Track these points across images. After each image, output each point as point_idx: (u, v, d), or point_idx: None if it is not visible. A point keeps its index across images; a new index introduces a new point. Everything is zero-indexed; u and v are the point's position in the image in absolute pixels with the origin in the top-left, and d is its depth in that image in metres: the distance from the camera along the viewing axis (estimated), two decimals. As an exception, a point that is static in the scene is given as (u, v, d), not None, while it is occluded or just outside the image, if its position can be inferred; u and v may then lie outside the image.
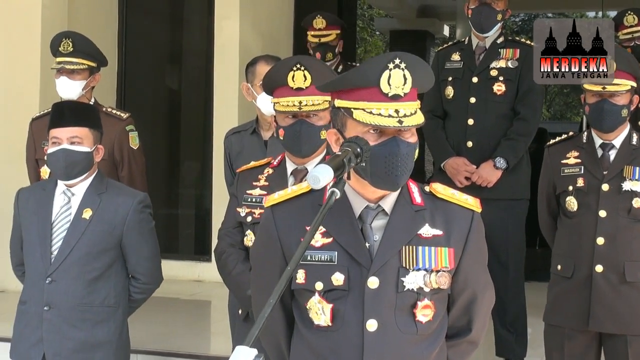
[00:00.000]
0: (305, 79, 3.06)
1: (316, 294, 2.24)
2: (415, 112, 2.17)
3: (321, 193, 2.04)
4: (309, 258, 2.24)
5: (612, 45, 3.64)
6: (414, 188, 2.31)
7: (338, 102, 2.23)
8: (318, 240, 2.25)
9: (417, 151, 2.21)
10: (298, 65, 3.07)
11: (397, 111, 2.14)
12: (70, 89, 4.41)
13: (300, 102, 3.06)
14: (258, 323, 1.80)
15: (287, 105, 3.08)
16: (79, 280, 3.48)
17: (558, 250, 3.91)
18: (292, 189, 2.36)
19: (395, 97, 2.15)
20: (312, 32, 5.72)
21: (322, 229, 2.24)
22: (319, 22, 5.73)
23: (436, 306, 2.26)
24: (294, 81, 3.07)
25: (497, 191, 4.72)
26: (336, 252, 2.24)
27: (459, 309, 2.35)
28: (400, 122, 2.12)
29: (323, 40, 5.70)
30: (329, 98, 3.05)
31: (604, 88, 3.70)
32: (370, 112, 2.14)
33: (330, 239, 2.25)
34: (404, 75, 2.16)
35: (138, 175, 4.53)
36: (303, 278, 2.25)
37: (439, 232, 2.26)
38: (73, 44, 4.43)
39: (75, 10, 7.20)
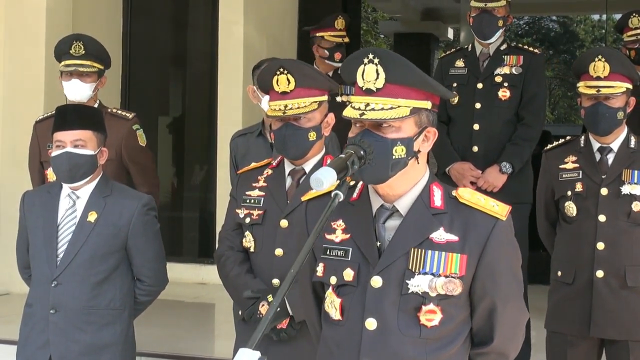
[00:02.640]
0: (289, 82, 3.07)
1: (330, 287, 2.29)
2: (398, 107, 2.18)
3: (351, 190, 2.07)
4: (328, 252, 2.30)
5: (607, 48, 3.64)
6: (436, 191, 2.29)
7: None
8: (338, 235, 2.30)
9: (399, 148, 2.18)
10: (281, 69, 3.09)
11: (367, 105, 2.17)
12: (81, 91, 4.42)
13: (285, 106, 3.08)
14: (261, 326, 1.82)
15: (274, 110, 3.11)
16: (85, 283, 3.48)
17: (558, 256, 3.90)
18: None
19: (368, 92, 2.19)
20: (332, 32, 5.71)
21: (343, 225, 2.30)
22: (341, 22, 5.74)
23: (445, 312, 2.23)
24: (278, 85, 3.09)
25: (500, 195, 4.71)
26: (351, 249, 2.27)
27: (480, 317, 2.31)
28: (362, 114, 2.16)
29: (345, 40, 5.72)
30: (316, 99, 3.08)
31: (598, 91, 3.69)
32: (350, 106, 2.20)
33: (348, 235, 2.29)
34: (377, 70, 2.18)
35: (150, 170, 4.58)
36: (322, 271, 2.31)
37: (454, 237, 2.24)
38: (84, 47, 4.45)
39: (80, 13, 7.22)
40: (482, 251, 2.24)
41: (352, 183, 2.14)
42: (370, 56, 2.19)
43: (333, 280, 2.28)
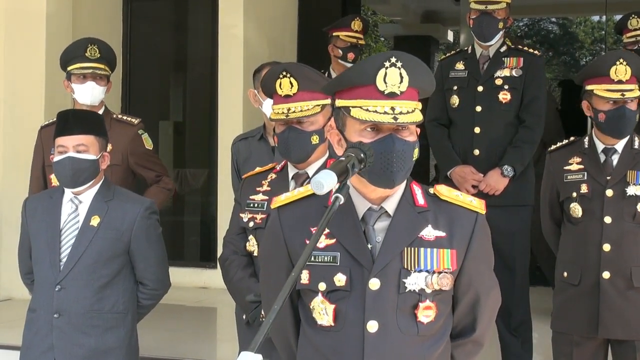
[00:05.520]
0: (292, 86, 3.08)
1: (319, 294, 2.27)
2: (413, 110, 2.21)
3: (327, 195, 2.08)
4: (312, 259, 2.27)
5: (624, 51, 3.59)
6: (417, 190, 2.33)
7: (338, 102, 2.27)
8: (322, 241, 2.28)
9: (416, 151, 2.23)
10: (284, 73, 3.10)
11: (392, 108, 2.18)
12: (96, 94, 4.46)
13: (288, 109, 3.09)
14: (263, 329, 1.82)
15: (277, 113, 3.12)
16: (88, 287, 3.49)
17: (563, 257, 3.89)
18: (299, 191, 2.39)
19: (392, 95, 2.19)
20: (348, 33, 5.75)
21: (326, 230, 2.26)
22: (357, 24, 5.79)
23: (438, 307, 2.28)
24: (281, 89, 3.10)
25: (502, 197, 4.72)
26: (339, 253, 2.27)
27: (463, 310, 2.37)
28: (395, 118, 2.16)
29: (360, 42, 5.77)
30: (319, 102, 3.08)
31: (622, 95, 3.66)
32: (367, 110, 2.18)
33: (333, 240, 2.28)
34: (400, 74, 2.19)
35: (163, 169, 4.64)
36: (307, 278, 2.28)
37: (441, 233, 2.28)
38: (99, 50, 4.48)
39: (80, 18, 7.23)
40: (468, 245, 2.30)
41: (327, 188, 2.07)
42: (393, 60, 2.19)
43: (322, 286, 2.27)
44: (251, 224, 3.23)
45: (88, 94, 4.43)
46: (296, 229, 2.31)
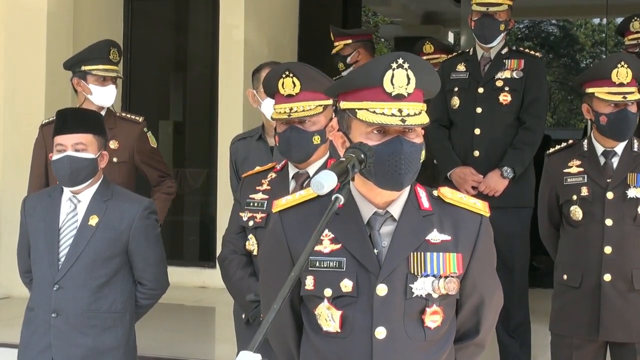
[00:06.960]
0: (295, 85, 3.08)
1: (325, 300, 2.24)
2: (420, 112, 2.18)
3: (329, 199, 2.06)
4: (317, 264, 2.25)
5: (624, 54, 3.57)
6: (421, 193, 2.31)
7: (343, 104, 2.24)
8: (327, 246, 2.26)
9: (423, 153, 2.20)
10: (287, 72, 3.09)
11: (400, 110, 2.15)
12: (114, 97, 4.52)
13: (290, 109, 3.08)
14: (262, 329, 1.81)
15: (279, 113, 3.12)
16: (86, 287, 3.48)
17: (562, 260, 3.88)
18: (300, 194, 2.36)
19: (399, 97, 2.16)
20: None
21: (330, 235, 2.25)
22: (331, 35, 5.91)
23: (445, 311, 2.26)
24: (283, 88, 3.10)
25: (502, 199, 4.72)
26: (345, 259, 2.24)
27: (467, 313, 2.35)
28: (403, 120, 2.13)
29: (333, 51, 5.90)
30: (322, 103, 3.08)
31: (624, 97, 3.66)
32: (374, 112, 2.15)
33: (338, 245, 2.25)
34: (407, 75, 2.17)
35: (168, 170, 4.67)
36: (312, 284, 2.26)
37: (447, 237, 2.26)
38: (118, 54, 4.52)
39: (81, 17, 7.23)
40: (474, 248, 2.28)
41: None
42: (400, 61, 2.17)
43: (328, 292, 2.24)
44: (251, 223, 3.22)
45: (111, 96, 4.49)
46: (299, 232, 2.27)
